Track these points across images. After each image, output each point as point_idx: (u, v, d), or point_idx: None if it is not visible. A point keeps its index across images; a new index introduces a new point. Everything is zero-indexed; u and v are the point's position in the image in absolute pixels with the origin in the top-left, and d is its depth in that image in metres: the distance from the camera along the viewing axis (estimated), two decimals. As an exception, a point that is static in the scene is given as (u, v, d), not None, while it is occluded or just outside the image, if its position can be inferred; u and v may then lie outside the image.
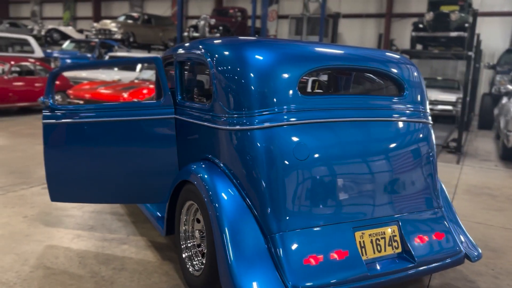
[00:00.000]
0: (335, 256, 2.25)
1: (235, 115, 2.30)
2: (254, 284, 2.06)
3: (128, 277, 2.76)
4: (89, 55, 14.67)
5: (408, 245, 2.50)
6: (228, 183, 2.33)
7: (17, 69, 9.65)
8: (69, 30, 22.19)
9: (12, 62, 9.35)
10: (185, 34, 17.00)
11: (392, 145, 2.64)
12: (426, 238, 2.60)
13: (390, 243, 2.50)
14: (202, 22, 16.62)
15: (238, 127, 2.29)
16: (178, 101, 2.90)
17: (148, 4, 23.03)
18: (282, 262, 2.14)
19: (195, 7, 21.26)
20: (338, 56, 2.62)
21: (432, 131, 2.91)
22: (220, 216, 2.20)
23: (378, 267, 2.36)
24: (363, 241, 2.40)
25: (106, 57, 13.32)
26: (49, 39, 19.35)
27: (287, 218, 2.25)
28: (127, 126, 2.89)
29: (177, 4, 15.76)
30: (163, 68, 2.98)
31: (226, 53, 2.42)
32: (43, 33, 20.56)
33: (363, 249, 2.38)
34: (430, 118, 2.90)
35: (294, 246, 2.20)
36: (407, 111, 2.74)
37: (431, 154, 2.83)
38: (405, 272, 2.42)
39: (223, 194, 2.28)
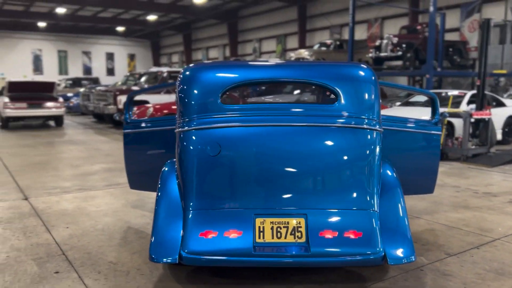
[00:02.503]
0: (229, 233, 2.87)
1: (180, 121, 3.18)
2: (166, 236, 2.91)
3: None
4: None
5: (310, 236, 2.86)
6: (173, 172, 3.22)
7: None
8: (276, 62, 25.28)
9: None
10: (369, 55, 17.47)
11: (314, 149, 3.03)
12: (333, 234, 2.88)
13: (293, 232, 2.90)
14: (385, 42, 16.84)
15: (179, 129, 3.16)
16: None
17: (345, 30, 24.22)
18: (184, 232, 2.90)
19: (391, 26, 21.33)
20: (264, 72, 3.20)
21: (377, 138, 3.11)
22: (160, 196, 3.12)
23: (268, 250, 2.83)
24: (263, 227, 2.91)
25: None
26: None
27: (196, 200, 2.99)
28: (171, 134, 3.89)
29: (349, 29, 16.42)
30: None
31: (180, 75, 3.31)
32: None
33: (261, 233, 2.89)
34: (377, 125, 3.11)
35: (195, 222, 2.92)
36: (339, 118, 3.07)
37: (365, 158, 3.04)
38: (293, 259, 2.80)
39: (167, 180, 3.18)
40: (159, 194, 3.16)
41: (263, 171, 3.03)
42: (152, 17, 32.17)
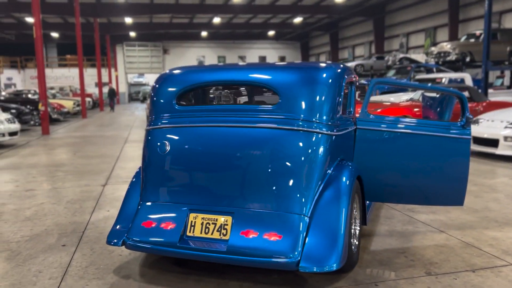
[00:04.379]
0: (165, 225, 3.14)
1: (147, 121, 3.57)
2: (122, 223, 3.33)
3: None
4: (404, 80, 15.69)
5: (232, 234, 2.95)
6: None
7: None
8: (419, 56, 23.63)
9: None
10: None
11: (247, 149, 3.09)
12: (254, 234, 2.92)
13: (219, 229, 3.03)
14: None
15: (146, 128, 3.54)
16: None
17: (507, 17, 21.21)
18: (132, 221, 3.28)
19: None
20: (213, 75, 3.35)
21: (320, 141, 3.04)
22: (128, 189, 3.57)
23: (193, 244, 3.01)
24: (195, 222, 3.10)
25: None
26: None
27: (146, 193, 3.32)
28: None
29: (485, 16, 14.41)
30: None
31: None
32: (397, 62, 22.90)
33: (192, 228, 3.09)
34: (322, 128, 3.05)
35: (142, 212, 3.27)
36: (278, 119, 3.09)
37: (300, 162, 2.99)
38: (213, 254, 2.92)
39: (138, 175, 3.61)
40: (128, 187, 3.59)
41: (200, 169, 3.20)
42: (298, 20, 33.09)
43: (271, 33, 39.25)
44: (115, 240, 3.25)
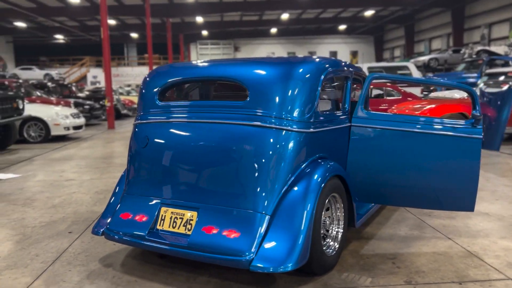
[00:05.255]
0: (138, 217, 3.24)
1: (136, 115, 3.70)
2: (106, 214, 3.45)
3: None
4: (474, 74, 14.54)
5: (194, 230, 2.96)
6: None
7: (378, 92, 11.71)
8: (500, 49, 21.72)
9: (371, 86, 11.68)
10: None
11: (213, 145, 3.08)
12: (214, 231, 2.91)
13: (185, 224, 3.05)
14: None
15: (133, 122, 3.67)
16: None
17: None
18: (114, 212, 3.42)
19: None
20: (194, 71, 3.37)
21: (288, 138, 2.97)
22: (119, 180, 3.73)
23: (160, 237, 3.07)
24: (165, 216, 3.15)
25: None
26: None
27: (128, 185, 3.44)
28: None
29: None
30: None
31: None
32: (473, 55, 21.29)
33: (162, 221, 3.15)
34: (292, 125, 2.98)
35: (122, 204, 3.39)
36: (244, 115, 3.05)
37: (264, 159, 2.93)
38: (175, 248, 2.96)
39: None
40: (119, 179, 3.74)
41: (172, 164, 3.25)
42: (369, 13, 32.00)
43: (342, 27, 38.35)
44: (96, 230, 3.41)
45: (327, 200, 3.15)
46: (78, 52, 40.90)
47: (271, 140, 2.97)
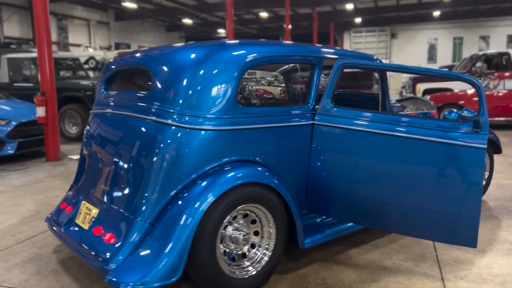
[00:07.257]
0: (67, 209, 3.23)
1: None
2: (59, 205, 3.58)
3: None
4: None
5: (88, 228, 2.81)
6: None
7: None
8: None
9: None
10: None
11: (119, 138, 2.88)
12: (100, 232, 2.72)
13: (90, 221, 2.92)
14: None
15: None
16: None
17: None
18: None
19: None
20: (126, 62, 3.17)
21: (183, 136, 2.62)
22: None
23: (70, 230, 2.99)
24: (82, 210, 3.07)
25: None
26: None
27: (75, 177, 3.43)
28: None
29: None
30: None
31: None
32: None
33: (79, 215, 3.07)
34: (185, 122, 2.62)
35: (66, 195, 3.40)
36: (143, 108, 2.78)
37: (150, 158, 2.61)
38: (70, 244, 2.86)
39: None
40: None
41: (92, 157, 3.18)
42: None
43: (524, 5, 32.44)
44: (46, 216, 3.52)
45: (235, 215, 2.64)
46: (238, 45, 43.65)
47: (160, 138, 2.59)
